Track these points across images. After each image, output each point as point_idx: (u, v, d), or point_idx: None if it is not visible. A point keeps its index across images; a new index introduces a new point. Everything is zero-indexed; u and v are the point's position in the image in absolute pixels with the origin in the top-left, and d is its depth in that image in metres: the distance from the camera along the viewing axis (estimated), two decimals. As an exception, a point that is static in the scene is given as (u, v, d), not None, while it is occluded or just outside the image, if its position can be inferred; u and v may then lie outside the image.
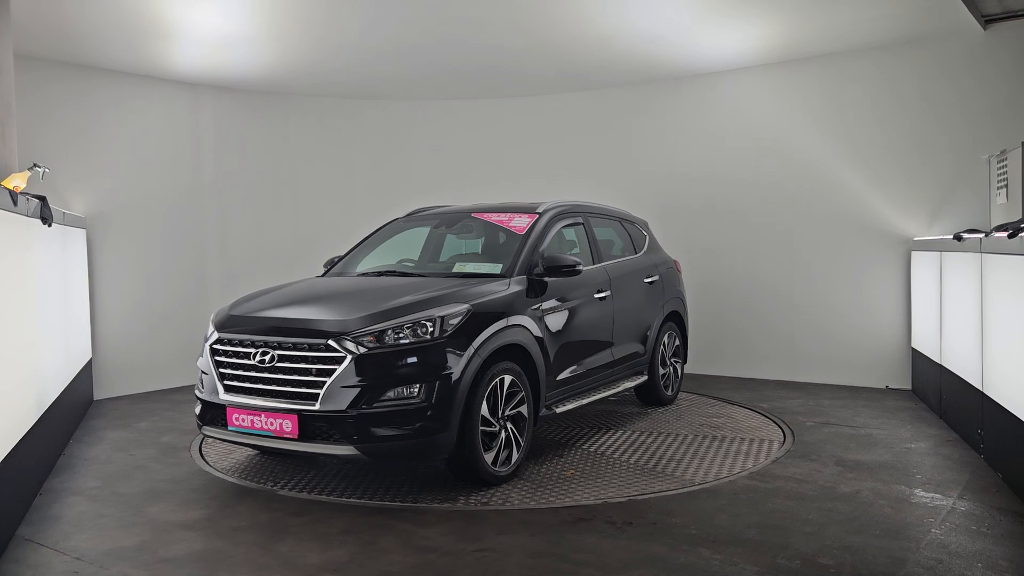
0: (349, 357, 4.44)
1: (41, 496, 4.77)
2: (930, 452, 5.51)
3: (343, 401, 4.38)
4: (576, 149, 9.44)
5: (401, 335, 4.51)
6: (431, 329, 4.55)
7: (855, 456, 5.42)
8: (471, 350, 4.63)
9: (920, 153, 7.53)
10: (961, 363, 5.73)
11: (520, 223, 5.85)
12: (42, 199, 4.86)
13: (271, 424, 4.52)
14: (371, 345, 4.46)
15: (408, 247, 6.40)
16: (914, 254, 7.40)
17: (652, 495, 4.65)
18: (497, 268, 5.46)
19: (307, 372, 4.51)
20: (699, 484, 4.85)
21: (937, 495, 4.57)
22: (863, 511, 4.32)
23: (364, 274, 5.90)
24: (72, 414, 6.39)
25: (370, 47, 7.58)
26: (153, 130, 8.29)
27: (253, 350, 4.69)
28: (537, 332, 5.22)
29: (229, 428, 4.71)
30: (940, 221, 7.41)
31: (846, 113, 7.91)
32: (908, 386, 7.64)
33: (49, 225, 4.98)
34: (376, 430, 4.38)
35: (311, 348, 4.53)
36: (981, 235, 5.25)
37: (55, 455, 5.55)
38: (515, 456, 4.97)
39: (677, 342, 7.30)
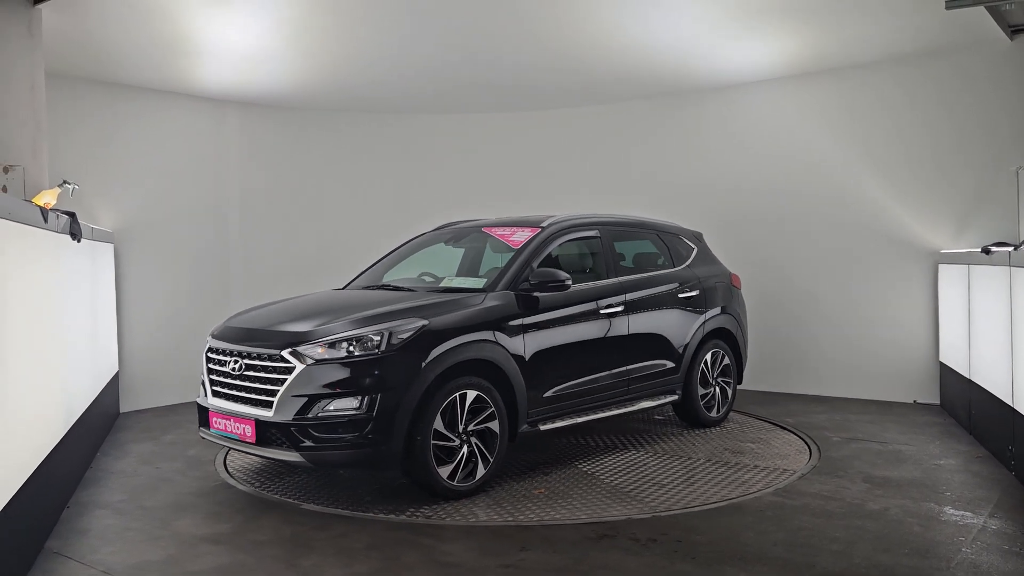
0: (299, 367, 4.64)
1: (69, 509, 4.82)
2: (960, 469, 5.43)
3: (292, 409, 4.60)
4: (599, 162, 9.44)
5: (351, 347, 4.65)
6: (378, 342, 4.67)
7: (883, 472, 5.34)
8: (421, 364, 4.71)
9: (947, 165, 7.45)
10: (991, 378, 5.65)
11: (520, 237, 5.82)
12: (71, 215, 4.92)
13: (237, 428, 4.82)
14: (319, 356, 4.64)
15: (433, 260, 6.42)
16: (941, 267, 7.32)
17: (677, 511, 4.61)
18: (480, 283, 5.52)
19: (266, 381, 4.76)
20: (725, 500, 4.80)
21: (968, 513, 4.49)
22: (892, 529, 4.26)
23: (368, 287, 6.07)
24: (99, 427, 6.46)
25: (393, 63, 7.64)
26: (180, 146, 8.39)
27: (229, 359, 4.99)
28: (515, 348, 5.20)
29: (211, 431, 5.06)
30: (967, 234, 7.32)
31: (871, 125, 7.84)
32: (936, 401, 7.53)
33: (78, 241, 5.05)
34: (320, 439, 4.56)
35: (269, 358, 4.77)
36: (1010, 248, 5.18)
37: (82, 468, 5.61)
38: (480, 471, 4.97)
39: (726, 361, 6.96)
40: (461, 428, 4.90)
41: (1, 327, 3.33)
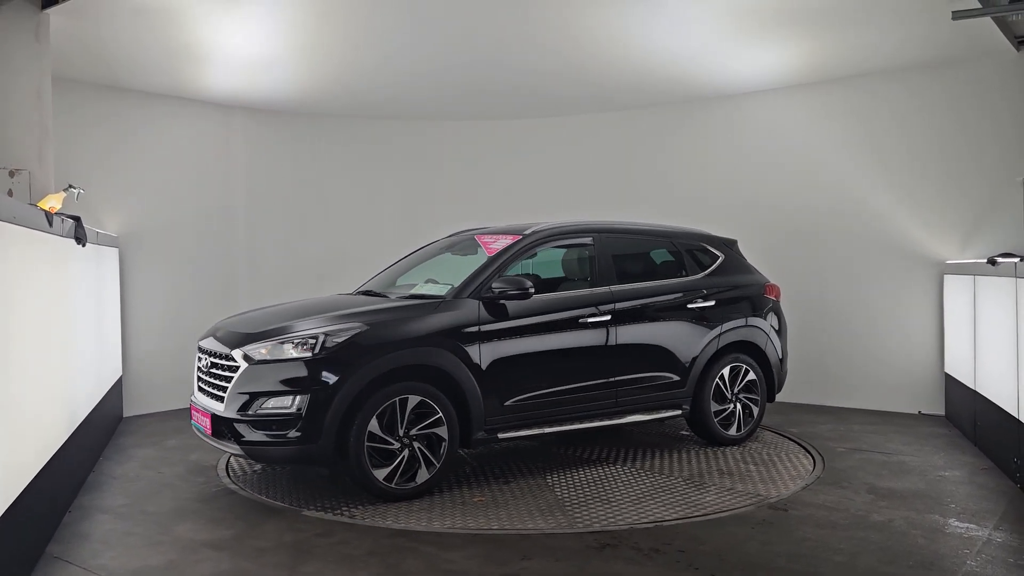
0: (243, 366, 4.95)
1: (70, 514, 4.82)
2: (964, 480, 5.40)
3: (236, 405, 4.91)
4: (609, 169, 9.43)
5: (291, 349, 4.92)
6: (313, 345, 4.89)
7: (887, 484, 5.32)
8: (354, 368, 4.88)
9: (953, 175, 7.44)
10: (996, 389, 5.62)
11: (499, 245, 5.81)
12: (77, 219, 4.94)
13: (202, 421, 5.15)
14: (260, 357, 4.93)
15: (443, 267, 6.40)
16: (947, 277, 7.29)
17: (680, 521, 4.59)
18: (443, 291, 5.58)
19: (222, 378, 5.09)
20: (728, 510, 4.78)
21: (972, 525, 4.47)
22: (896, 541, 4.24)
23: (357, 293, 6.25)
24: (102, 431, 6.46)
25: (399, 69, 7.65)
26: (185, 151, 8.42)
27: (204, 356, 5.36)
28: (469, 355, 5.24)
29: (192, 423, 5.39)
30: (973, 244, 7.30)
31: (877, 134, 7.84)
32: (941, 412, 7.49)
33: (83, 245, 5.06)
34: (256, 434, 4.85)
35: (225, 357, 5.10)
36: (1016, 260, 5.17)
37: (85, 472, 5.61)
38: (423, 475, 5.05)
39: (751, 376, 6.54)
40: (401, 432, 5.00)
41: (6, 331, 3.33)
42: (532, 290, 5.45)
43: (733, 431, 6.43)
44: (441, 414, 5.11)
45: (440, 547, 4.21)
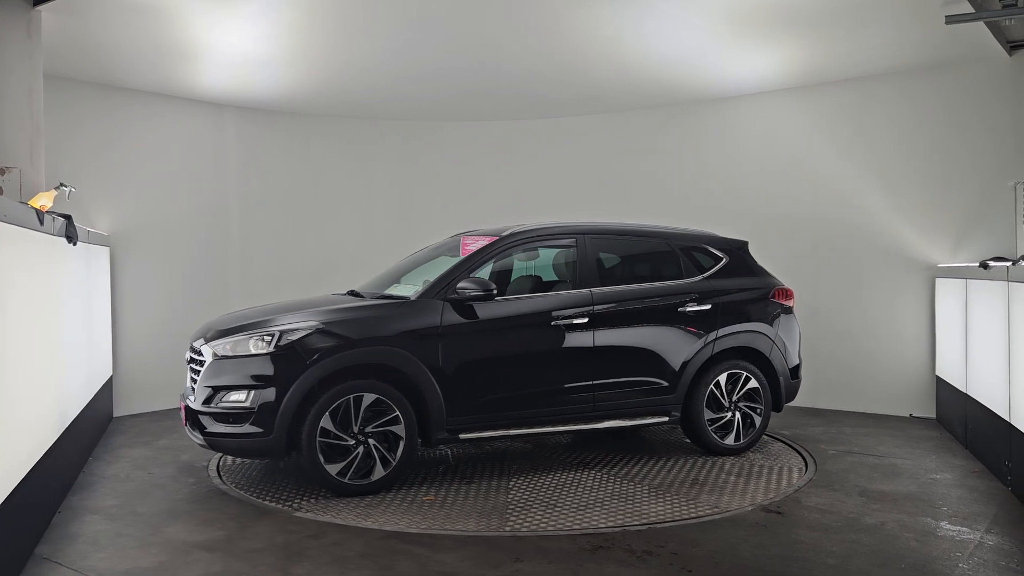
0: (209, 361, 5.19)
1: (60, 514, 4.78)
2: (956, 483, 5.42)
3: (202, 398, 5.16)
4: (598, 171, 9.44)
5: (250, 346, 5.11)
6: (269, 342, 5.09)
7: (879, 486, 5.33)
8: (307, 364, 5.03)
9: (945, 179, 7.47)
10: (987, 393, 5.64)
11: (476, 246, 5.82)
12: (67, 218, 4.90)
13: (181, 412, 5.40)
14: (223, 353, 5.16)
15: (440, 268, 6.35)
16: (938, 281, 7.32)
17: (673, 523, 4.59)
18: (410, 292, 5.63)
19: (196, 372, 5.33)
20: (721, 513, 4.78)
21: (964, 528, 4.48)
22: (888, 544, 4.24)
23: (349, 293, 6.29)
24: (92, 431, 6.42)
25: (393, 70, 7.63)
26: (178, 149, 8.37)
27: (188, 352, 5.60)
28: (429, 355, 5.28)
29: (180, 412, 5.55)
30: (965, 248, 7.32)
31: (870, 138, 7.86)
32: (932, 415, 7.52)
33: (74, 244, 5.03)
34: (217, 426, 5.09)
35: (198, 352, 5.36)
36: (1008, 263, 5.19)
37: (74, 473, 5.57)
38: (378, 472, 5.14)
39: (752, 384, 6.24)
40: (356, 429, 5.11)
41: (-5, 330, 3.30)
42: (495, 292, 5.47)
43: (731, 440, 6.13)
44: (398, 413, 5.16)
45: (433, 549, 4.20)
